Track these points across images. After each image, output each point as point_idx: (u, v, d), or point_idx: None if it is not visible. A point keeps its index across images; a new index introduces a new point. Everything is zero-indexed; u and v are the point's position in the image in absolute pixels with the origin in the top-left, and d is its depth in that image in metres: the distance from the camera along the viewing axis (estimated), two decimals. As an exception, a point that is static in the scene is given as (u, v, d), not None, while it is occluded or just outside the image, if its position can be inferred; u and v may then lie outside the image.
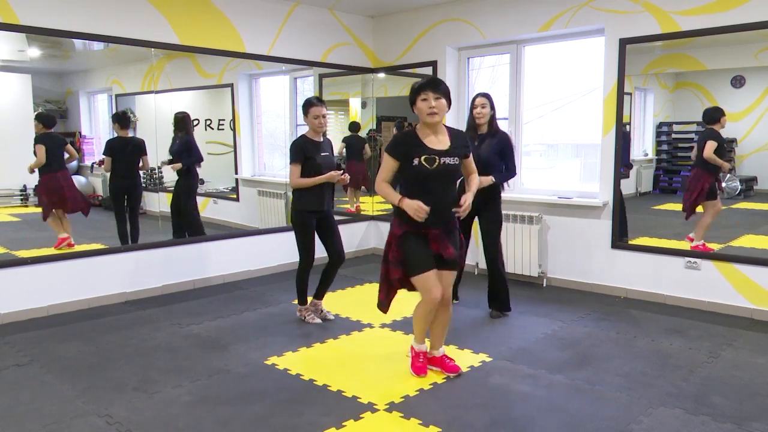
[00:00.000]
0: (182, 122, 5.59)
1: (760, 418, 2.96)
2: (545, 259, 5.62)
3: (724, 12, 4.47)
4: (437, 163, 3.18)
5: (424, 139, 3.23)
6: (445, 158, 3.20)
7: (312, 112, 4.25)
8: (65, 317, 4.62)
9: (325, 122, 4.28)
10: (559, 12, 5.30)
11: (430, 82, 3.18)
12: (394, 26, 6.57)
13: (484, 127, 4.53)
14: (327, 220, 4.42)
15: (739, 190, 4.87)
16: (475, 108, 4.51)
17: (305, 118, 4.31)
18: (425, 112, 3.16)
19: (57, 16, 4.57)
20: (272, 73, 6.31)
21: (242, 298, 5.16)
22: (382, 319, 4.54)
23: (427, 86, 3.16)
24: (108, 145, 5.21)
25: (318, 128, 4.27)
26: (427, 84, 3.18)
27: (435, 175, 3.19)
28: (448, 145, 3.25)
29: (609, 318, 4.57)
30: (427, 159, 3.17)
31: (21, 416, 3.01)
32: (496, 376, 3.48)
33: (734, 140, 4.81)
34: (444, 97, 3.18)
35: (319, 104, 4.26)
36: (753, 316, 4.54)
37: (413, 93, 3.22)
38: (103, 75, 5.44)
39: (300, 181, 4.25)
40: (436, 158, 3.18)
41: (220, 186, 6.10)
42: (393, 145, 3.26)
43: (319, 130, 4.29)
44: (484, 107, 4.48)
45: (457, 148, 3.28)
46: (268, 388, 3.33)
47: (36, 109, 4.91)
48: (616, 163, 5.12)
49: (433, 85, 3.17)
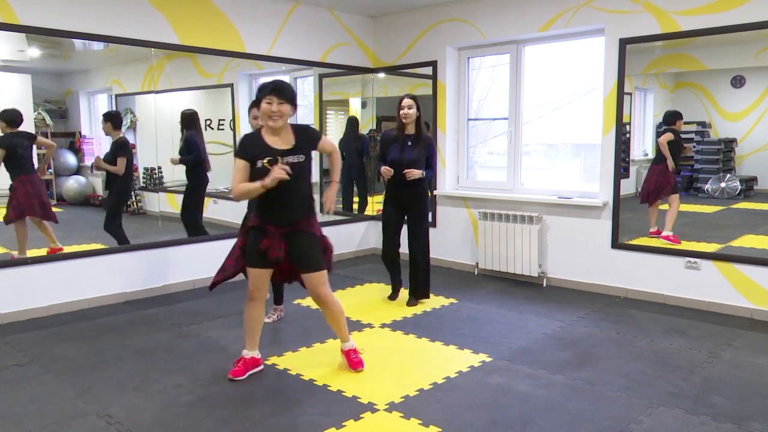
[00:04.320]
0: (187, 120, 5.62)
1: (760, 418, 2.96)
2: (545, 259, 5.62)
3: (724, 12, 4.47)
4: (280, 163, 3.19)
5: (267, 140, 3.25)
6: (289, 157, 3.22)
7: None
8: (65, 317, 4.62)
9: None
10: (559, 12, 5.30)
11: (275, 88, 3.18)
12: (394, 26, 6.57)
13: (411, 128, 4.72)
14: None
15: (739, 190, 4.88)
16: (402, 109, 4.68)
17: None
18: (267, 114, 3.19)
19: (57, 16, 4.58)
20: (272, 73, 6.30)
21: (242, 298, 5.14)
22: (382, 319, 4.54)
23: (272, 91, 3.17)
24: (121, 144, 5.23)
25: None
26: (273, 89, 3.18)
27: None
28: (293, 143, 3.27)
29: (609, 318, 4.57)
30: (270, 160, 3.20)
31: (21, 416, 3.01)
32: (496, 376, 3.48)
33: (734, 140, 4.81)
34: (288, 102, 3.21)
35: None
36: (753, 316, 4.54)
37: (259, 92, 3.24)
38: (103, 75, 5.43)
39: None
40: (278, 158, 3.21)
41: (220, 186, 6.09)
42: (240, 148, 3.26)
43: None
44: (410, 108, 4.66)
45: (304, 144, 3.31)
46: (268, 388, 3.33)
47: (36, 109, 4.91)
48: (616, 163, 5.12)
49: (278, 90, 3.18)
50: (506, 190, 5.91)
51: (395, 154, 4.71)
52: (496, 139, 6.21)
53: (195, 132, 5.65)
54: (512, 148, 5.88)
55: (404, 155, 4.67)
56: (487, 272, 5.94)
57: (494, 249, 5.73)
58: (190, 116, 5.64)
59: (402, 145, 4.70)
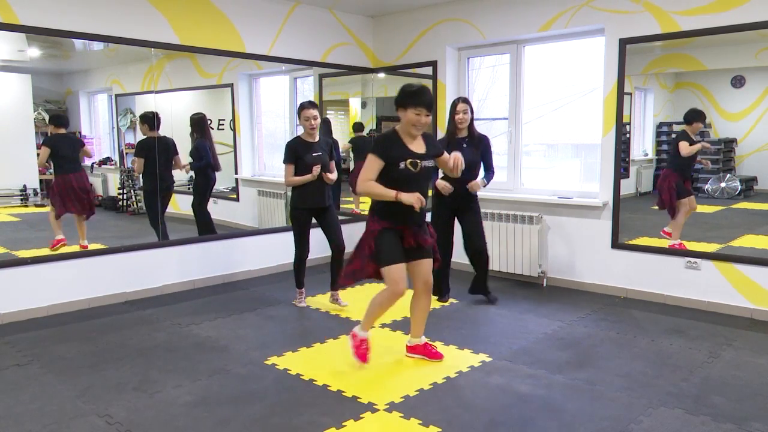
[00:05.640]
0: (196, 123, 5.78)
1: (760, 418, 2.96)
2: (545, 259, 5.62)
3: (724, 12, 4.47)
4: (419, 167, 3.40)
5: (407, 143, 3.41)
6: (424, 162, 3.44)
7: (303, 114, 4.59)
8: (65, 317, 4.62)
9: (316, 123, 4.58)
10: (559, 12, 5.30)
11: (428, 102, 3.33)
12: (394, 26, 6.57)
13: (464, 131, 4.73)
14: (326, 214, 4.75)
15: (739, 190, 4.88)
16: (457, 114, 4.69)
17: (299, 120, 4.65)
18: (412, 123, 3.35)
19: (57, 16, 4.58)
20: (272, 73, 6.31)
21: (242, 298, 5.16)
22: (382, 319, 4.54)
23: (425, 105, 3.32)
24: (139, 145, 5.31)
25: (309, 129, 4.59)
26: (426, 103, 3.32)
27: (416, 178, 3.41)
28: (425, 149, 3.47)
29: (609, 318, 4.57)
30: (412, 162, 3.37)
31: (21, 416, 3.01)
32: (496, 376, 3.48)
33: (734, 140, 4.81)
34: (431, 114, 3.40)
35: (309, 107, 4.59)
36: (753, 316, 4.54)
37: (407, 98, 3.34)
38: (103, 75, 5.44)
39: (290, 180, 4.62)
40: (418, 162, 3.39)
41: (220, 186, 6.10)
42: (381, 147, 3.37)
43: (310, 131, 4.59)
44: (465, 113, 4.69)
45: (432, 151, 3.51)
46: (268, 388, 3.33)
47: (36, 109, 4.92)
48: (616, 163, 5.12)
49: (429, 105, 3.34)
50: (506, 190, 5.91)
51: None
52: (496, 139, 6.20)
53: (204, 136, 5.78)
54: (512, 148, 5.88)
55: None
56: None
57: (494, 249, 5.73)
58: (199, 120, 5.77)
59: (458, 148, 4.55)
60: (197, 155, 5.77)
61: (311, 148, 4.60)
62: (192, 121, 5.75)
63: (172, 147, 5.47)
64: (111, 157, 5.50)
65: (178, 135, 5.60)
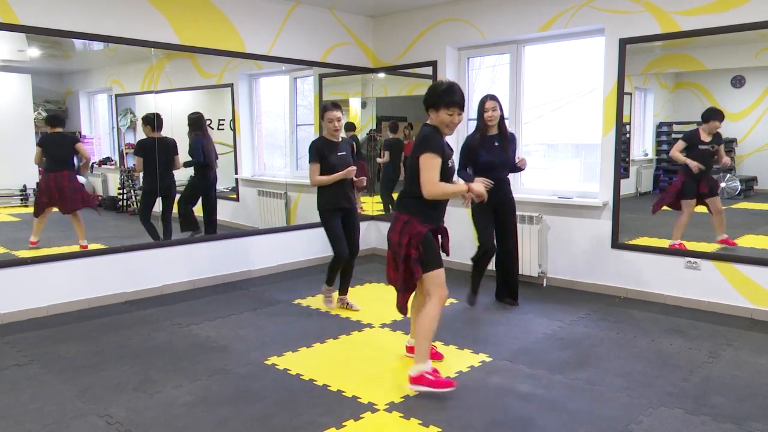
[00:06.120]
0: (193, 123, 5.75)
1: (760, 418, 2.96)
2: (545, 259, 5.62)
3: (724, 12, 4.47)
4: (451, 164, 3.38)
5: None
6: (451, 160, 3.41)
7: (326, 116, 4.57)
8: (65, 317, 4.62)
9: (340, 125, 4.59)
10: (559, 12, 5.30)
11: (461, 101, 3.24)
12: (394, 26, 6.57)
13: (494, 128, 4.70)
14: (350, 217, 4.72)
15: (739, 190, 4.88)
16: (486, 112, 4.65)
17: (321, 121, 4.62)
18: (447, 123, 3.25)
19: (57, 16, 4.58)
20: (272, 73, 6.31)
21: (242, 298, 5.16)
22: (382, 319, 4.54)
23: (457, 105, 3.22)
24: (139, 145, 5.32)
25: (333, 131, 4.58)
26: (458, 102, 3.22)
27: (449, 175, 3.35)
28: None
29: (609, 318, 4.57)
30: (450, 161, 3.35)
31: (21, 416, 3.01)
32: (496, 376, 3.48)
33: (734, 140, 4.81)
34: None
35: (333, 108, 4.57)
36: (753, 316, 4.54)
37: (438, 98, 3.21)
38: (103, 75, 5.43)
39: (318, 179, 4.56)
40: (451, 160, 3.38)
41: (220, 186, 6.10)
42: (438, 146, 3.21)
43: (333, 133, 4.59)
44: (494, 110, 4.65)
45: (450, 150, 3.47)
46: (268, 388, 3.33)
47: (36, 109, 4.92)
48: (616, 163, 5.12)
49: (461, 104, 3.26)
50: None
51: (486, 156, 4.63)
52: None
53: (201, 135, 5.74)
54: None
55: (496, 157, 4.64)
56: (488, 272, 5.93)
57: (494, 249, 5.72)
58: (197, 120, 5.73)
59: (489, 146, 4.63)
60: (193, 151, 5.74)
61: (336, 148, 4.58)
62: (189, 120, 5.72)
63: (173, 147, 5.47)
64: (111, 157, 5.50)
65: (178, 135, 5.60)
